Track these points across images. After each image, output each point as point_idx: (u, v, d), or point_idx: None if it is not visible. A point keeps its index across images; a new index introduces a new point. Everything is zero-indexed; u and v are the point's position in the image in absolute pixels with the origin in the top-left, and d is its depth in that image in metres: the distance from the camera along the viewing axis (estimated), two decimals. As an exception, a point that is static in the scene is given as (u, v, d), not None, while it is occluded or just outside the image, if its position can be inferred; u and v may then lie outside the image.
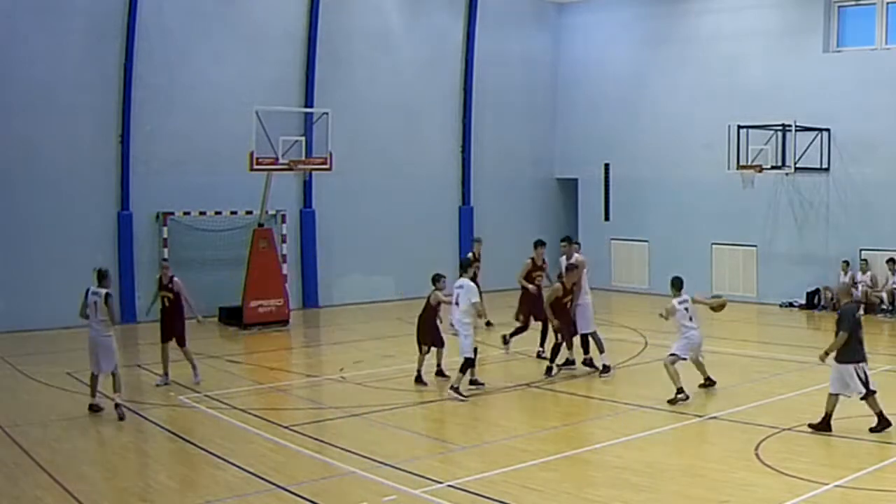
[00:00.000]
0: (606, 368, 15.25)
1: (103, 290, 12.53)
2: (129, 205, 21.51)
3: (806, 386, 14.07)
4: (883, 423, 11.23)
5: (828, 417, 11.34)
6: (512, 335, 16.58)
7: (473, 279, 14.96)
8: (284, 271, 22.47)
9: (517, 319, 16.76)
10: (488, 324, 19.66)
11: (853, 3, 23.21)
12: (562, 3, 28.88)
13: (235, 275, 21.22)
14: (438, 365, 15.01)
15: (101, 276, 12.73)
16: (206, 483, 10.02)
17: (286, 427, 12.15)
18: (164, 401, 13.71)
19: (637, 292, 26.24)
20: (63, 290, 20.03)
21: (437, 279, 14.72)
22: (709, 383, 14.01)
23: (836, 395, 11.36)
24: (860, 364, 11.28)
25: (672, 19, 26.38)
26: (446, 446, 11.53)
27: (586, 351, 15.63)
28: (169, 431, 12.08)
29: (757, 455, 10.43)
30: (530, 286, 16.43)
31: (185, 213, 22.08)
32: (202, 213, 22.30)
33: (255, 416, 12.83)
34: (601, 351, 15.35)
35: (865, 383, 11.22)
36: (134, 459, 11.42)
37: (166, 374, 14.82)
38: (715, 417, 12.16)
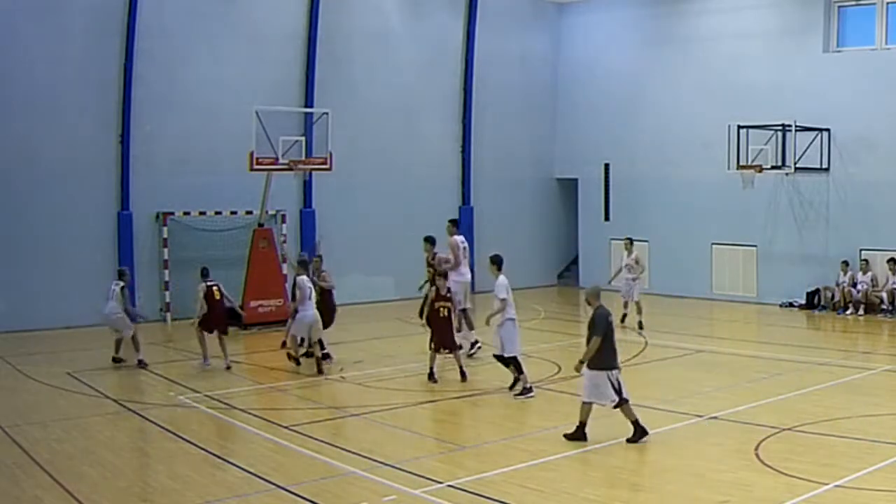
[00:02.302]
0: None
1: (120, 283, 16.31)
2: (129, 205, 21.52)
3: (806, 386, 14.13)
4: (639, 433, 11.00)
5: (582, 426, 11.10)
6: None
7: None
8: (284, 271, 22.47)
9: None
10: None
11: (853, 3, 23.21)
12: (562, 3, 28.88)
13: (235, 275, 21.19)
14: (431, 367, 14.94)
15: (120, 274, 16.77)
16: (206, 483, 10.01)
17: (286, 427, 12.15)
18: (164, 401, 13.72)
19: (637, 292, 26.21)
20: (63, 290, 20.16)
21: (433, 280, 14.98)
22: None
23: (590, 403, 11.10)
24: (612, 371, 11.04)
25: (672, 19, 26.39)
26: (446, 446, 11.53)
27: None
28: (169, 431, 12.06)
29: (757, 455, 10.42)
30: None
31: (185, 213, 22.08)
32: (202, 213, 22.30)
33: (255, 416, 12.85)
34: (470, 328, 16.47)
35: (618, 391, 10.98)
36: (134, 459, 11.43)
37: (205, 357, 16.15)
38: (715, 417, 12.16)
